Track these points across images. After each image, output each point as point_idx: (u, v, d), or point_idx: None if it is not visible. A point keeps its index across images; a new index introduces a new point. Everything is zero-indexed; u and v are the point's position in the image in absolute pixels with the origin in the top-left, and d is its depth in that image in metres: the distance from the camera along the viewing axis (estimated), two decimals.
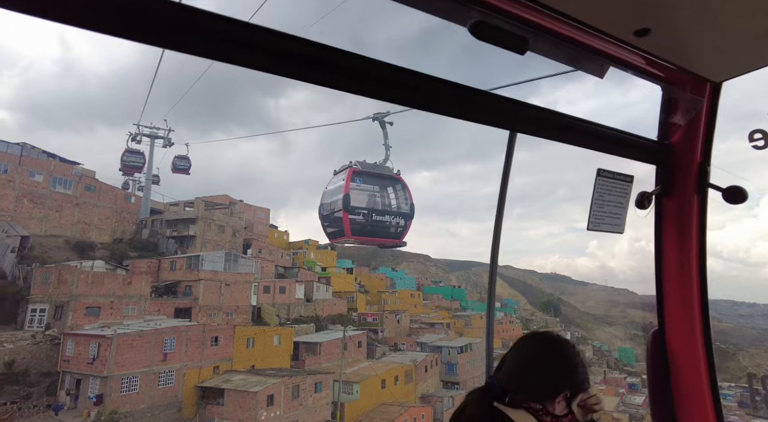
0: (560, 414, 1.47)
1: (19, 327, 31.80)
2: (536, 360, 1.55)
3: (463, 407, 1.57)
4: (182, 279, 41.19)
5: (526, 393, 1.49)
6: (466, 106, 1.43)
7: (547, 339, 1.61)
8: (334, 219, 11.31)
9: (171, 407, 30.62)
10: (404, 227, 11.18)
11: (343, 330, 44.20)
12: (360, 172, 11.28)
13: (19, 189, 41.04)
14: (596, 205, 1.98)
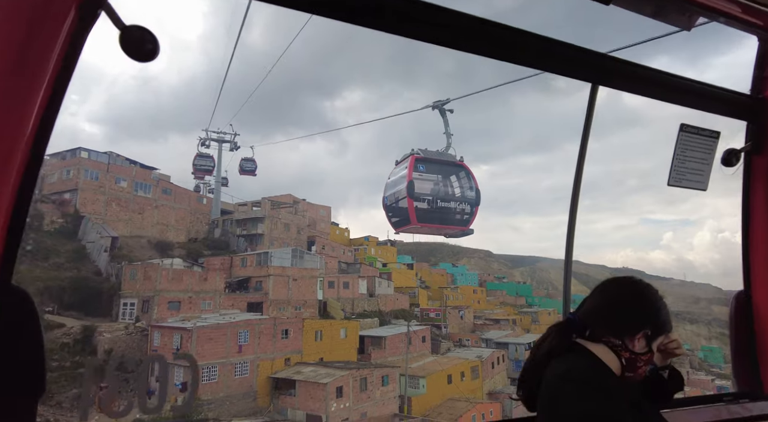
0: (639, 351, 1.50)
1: (114, 319, 34.93)
2: (618, 298, 1.59)
3: (543, 339, 1.60)
4: (253, 275, 43.25)
5: (606, 328, 1.52)
6: (548, 57, 1.41)
7: (630, 280, 1.63)
8: (398, 208, 11.38)
9: (247, 396, 32.27)
10: (471, 214, 11.01)
11: (407, 325, 44.45)
12: (423, 158, 11.26)
13: (108, 194, 45.04)
14: (678, 161, 1.94)
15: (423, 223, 10.42)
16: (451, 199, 11.06)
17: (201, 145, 50.38)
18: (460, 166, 11.89)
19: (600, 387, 1.40)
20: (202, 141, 50.72)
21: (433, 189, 11.08)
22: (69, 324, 31.51)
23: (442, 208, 10.75)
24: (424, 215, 10.43)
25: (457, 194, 11.49)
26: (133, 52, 0.88)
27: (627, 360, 1.50)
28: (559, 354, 1.52)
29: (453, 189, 11.82)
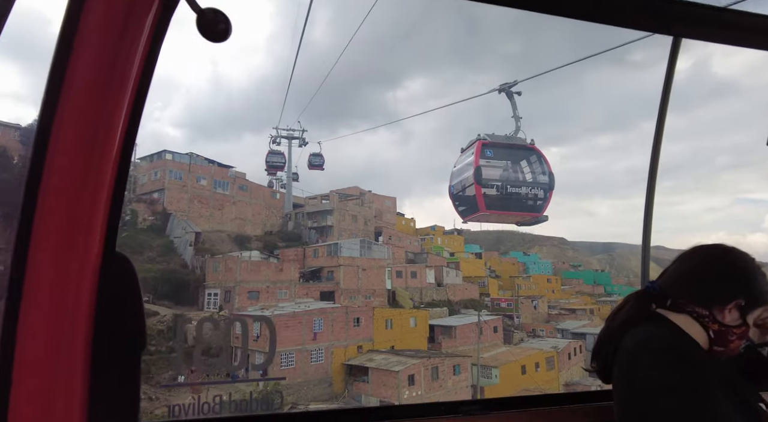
0: (731, 323, 1.32)
1: (200, 308, 37.74)
2: (706, 265, 1.41)
3: (620, 307, 1.48)
4: (324, 266, 44.71)
5: (690, 296, 1.36)
6: (619, 10, 1.28)
7: (720, 246, 1.44)
8: (465, 196, 11.12)
9: (323, 382, 33.58)
10: (544, 199, 10.51)
11: (477, 315, 43.87)
12: (490, 143, 10.90)
13: (190, 192, 48.53)
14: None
15: (492, 210, 10.11)
16: (522, 184, 10.63)
17: (272, 143, 52.59)
18: (531, 150, 11.39)
19: (684, 358, 1.25)
20: (273, 139, 52.91)
21: (503, 174, 10.70)
22: (162, 312, 34.50)
23: (513, 193, 10.36)
24: (493, 202, 10.12)
25: (528, 179, 11.02)
26: (208, 33, 0.92)
27: (716, 333, 1.32)
28: (637, 323, 1.39)
29: (524, 174, 11.36)
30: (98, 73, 0.85)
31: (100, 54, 0.84)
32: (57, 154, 0.86)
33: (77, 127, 0.87)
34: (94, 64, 0.84)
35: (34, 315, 0.88)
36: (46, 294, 0.88)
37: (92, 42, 0.84)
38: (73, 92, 0.83)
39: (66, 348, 0.93)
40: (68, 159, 0.87)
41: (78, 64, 0.83)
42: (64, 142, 0.87)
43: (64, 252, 0.91)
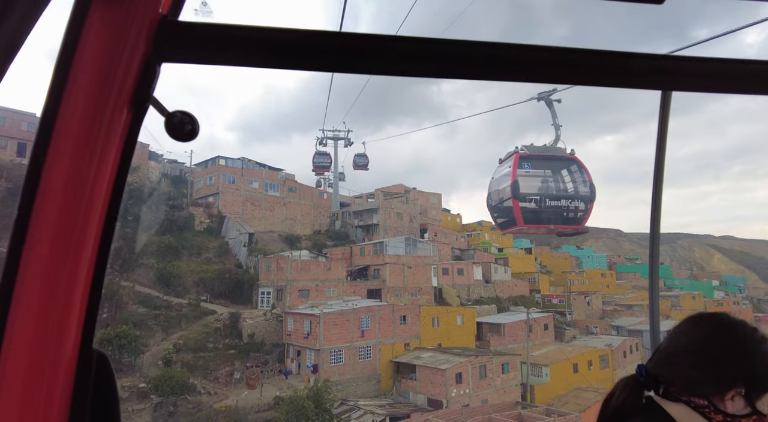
0: (738, 413, 1.14)
1: (254, 306, 39.58)
2: (697, 345, 1.22)
3: (611, 394, 1.31)
4: (371, 264, 45.45)
5: (684, 384, 1.19)
6: (605, 71, 1.30)
7: (715, 320, 1.26)
8: (503, 208, 11.07)
9: (371, 379, 34.35)
10: (585, 211, 10.30)
11: (526, 312, 43.14)
12: (527, 156, 10.78)
13: (243, 195, 50.76)
14: None
15: (531, 225, 10.08)
16: (561, 196, 10.45)
17: (319, 144, 53.90)
18: (571, 160, 11.16)
19: None
20: (320, 140, 54.22)
21: (541, 187, 10.58)
22: (219, 310, 36.49)
23: (552, 207, 10.24)
24: (531, 216, 10.07)
25: (569, 190, 10.83)
26: (176, 135, 0.99)
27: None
28: (628, 415, 1.23)
29: (564, 184, 11.16)
30: (67, 198, 0.89)
31: (71, 171, 0.89)
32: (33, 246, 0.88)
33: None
34: (63, 190, 0.88)
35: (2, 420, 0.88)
36: (15, 400, 0.85)
37: (62, 168, 0.88)
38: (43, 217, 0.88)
39: None
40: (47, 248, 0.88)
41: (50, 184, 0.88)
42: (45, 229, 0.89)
43: (36, 351, 0.88)
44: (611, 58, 1.28)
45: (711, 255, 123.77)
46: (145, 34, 0.97)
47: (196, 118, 1.02)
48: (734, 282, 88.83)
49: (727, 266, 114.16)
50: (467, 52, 1.19)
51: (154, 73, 1.00)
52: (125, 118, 0.97)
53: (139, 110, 1.00)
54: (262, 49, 1.08)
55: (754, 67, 1.38)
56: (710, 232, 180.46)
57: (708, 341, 1.21)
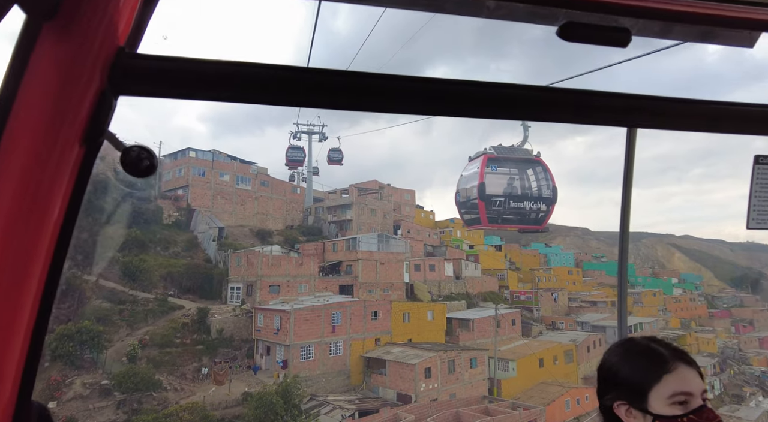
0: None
1: (223, 301, 39.02)
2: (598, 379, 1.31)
3: None
4: (343, 260, 45.42)
5: (602, 414, 1.26)
6: (569, 109, 1.33)
7: (607, 351, 1.33)
8: (470, 205, 11.38)
9: (341, 374, 34.43)
10: (546, 212, 10.70)
11: (495, 308, 43.99)
12: (495, 157, 11.10)
13: (213, 188, 49.81)
14: (757, 199, 1.70)
15: (494, 225, 10.40)
16: (525, 198, 10.83)
17: (293, 138, 53.31)
18: (537, 162, 11.55)
19: None
20: (294, 134, 53.62)
21: (506, 188, 10.92)
22: (187, 306, 35.83)
23: (515, 208, 10.59)
24: (495, 217, 10.39)
25: (533, 192, 11.21)
26: (132, 170, 0.95)
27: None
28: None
29: (529, 184, 11.53)
30: (13, 235, 0.85)
31: (17, 209, 0.85)
32: None
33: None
34: (8, 226, 0.84)
35: None
36: None
37: (5, 208, 0.84)
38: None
39: None
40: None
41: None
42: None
43: None
44: (577, 96, 1.30)
45: (672, 254, 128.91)
46: (100, 66, 0.93)
47: (154, 153, 0.99)
48: (691, 280, 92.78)
49: (686, 264, 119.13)
50: (431, 88, 1.18)
51: (109, 107, 0.97)
52: (77, 154, 0.93)
53: (92, 145, 0.96)
54: (224, 82, 1.06)
55: (716, 107, 1.43)
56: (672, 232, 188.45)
57: (601, 368, 1.30)
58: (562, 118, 1.35)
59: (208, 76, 1.04)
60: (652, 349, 1.20)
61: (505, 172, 11.07)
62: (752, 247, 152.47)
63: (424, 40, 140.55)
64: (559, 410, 33.90)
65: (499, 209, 10.43)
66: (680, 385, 1.13)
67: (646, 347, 1.22)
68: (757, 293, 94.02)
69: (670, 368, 1.15)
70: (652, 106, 1.40)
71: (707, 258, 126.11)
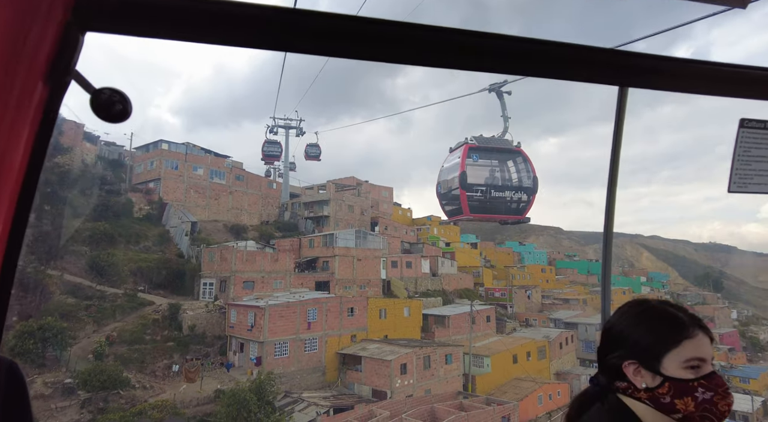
0: (652, 386, 1.16)
1: (195, 297, 38.08)
2: (607, 333, 1.30)
3: (570, 413, 1.33)
4: (320, 256, 45.00)
5: (608, 372, 1.25)
6: (560, 64, 1.31)
7: (621, 308, 1.31)
8: (451, 197, 11.28)
9: (316, 371, 34.08)
10: (527, 202, 10.69)
11: (470, 304, 44.33)
12: (476, 147, 11.01)
13: (186, 182, 48.59)
14: (740, 162, 1.72)
15: (476, 214, 10.30)
16: (506, 187, 10.78)
17: (269, 132, 52.43)
18: (517, 152, 11.52)
19: None
20: (270, 128, 52.76)
21: (487, 178, 10.86)
22: (157, 301, 34.81)
23: (496, 198, 10.53)
24: (477, 206, 10.30)
25: (513, 182, 11.18)
26: (103, 115, 0.88)
27: (652, 401, 1.17)
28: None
29: (509, 175, 11.51)
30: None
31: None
32: None
33: None
34: None
35: None
36: None
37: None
38: None
39: None
40: None
41: None
42: None
43: None
44: (571, 50, 1.27)
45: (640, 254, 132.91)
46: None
47: (128, 97, 0.89)
48: (658, 279, 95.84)
49: (654, 264, 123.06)
50: (428, 37, 1.13)
51: (75, 43, 0.85)
52: (40, 94, 0.82)
53: (57, 85, 0.85)
54: (205, 22, 0.95)
55: (707, 68, 1.42)
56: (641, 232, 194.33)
57: (612, 326, 1.28)
58: (554, 72, 1.32)
59: (190, 13, 0.94)
60: (672, 314, 1.20)
61: (486, 163, 11.01)
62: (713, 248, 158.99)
63: None
64: (532, 405, 34.41)
65: (481, 198, 10.36)
66: (697, 351, 1.14)
67: (664, 311, 1.21)
68: (718, 291, 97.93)
69: (691, 334, 1.15)
70: (645, 64, 1.37)
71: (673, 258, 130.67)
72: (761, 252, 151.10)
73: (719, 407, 1.11)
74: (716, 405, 1.11)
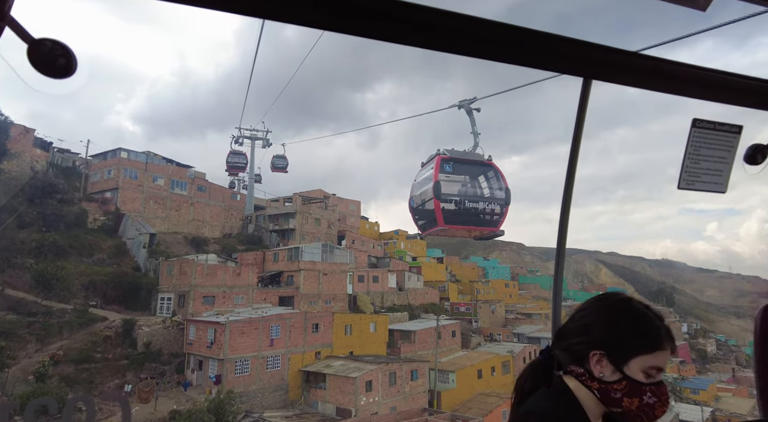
0: (608, 379, 1.21)
1: (152, 313, 36.29)
2: (579, 317, 1.31)
3: (521, 378, 1.39)
4: (285, 270, 44.01)
5: (568, 354, 1.28)
6: (527, 50, 1.28)
7: (601, 296, 1.35)
8: (425, 210, 11.18)
9: (279, 389, 32.97)
10: (500, 214, 10.68)
11: (436, 319, 44.31)
12: (449, 158, 11.01)
13: (146, 192, 46.69)
14: (690, 161, 1.75)
15: (451, 225, 10.19)
16: (479, 199, 10.79)
17: (234, 143, 51.40)
18: (489, 166, 11.59)
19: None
20: (236, 138, 51.75)
21: (461, 190, 10.84)
22: (111, 317, 32.92)
23: (470, 208, 10.49)
24: (451, 216, 10.21)
25: (486, 194, 11.21)
26: (44, 68, 0.79)
27: (599, 392, 1.22)
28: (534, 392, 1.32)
29: (482, 188, 11.56)
30: None
31: None
32: None
33: None
34: None
35: None
36: None
37: None
38: None
39: None
40: None
41: None
42: None
43: None
44: (539, 38, 1.26)
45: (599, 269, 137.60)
46: None
47: (71, 51, 0.80)
48: None
49: (612, 279, 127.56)
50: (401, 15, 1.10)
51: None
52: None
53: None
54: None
55: (666, 66, 1.44)
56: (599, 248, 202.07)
57: (586, 312, 1.30)
58: (524, 60, 1.31)
59: None
60: (653, 322, 1.24)
61: (459, 172, 11.03)
62: (666, 264, 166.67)
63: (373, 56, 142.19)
64: (496, 420, 34.41)
65: (456, 208, 10.31)
66: (661, 361, 1.21)
67: (647, 317, 1.25)
68: (671, 306, 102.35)
69: (664, 346, 1.22)
70: (610, 57, 1.39)
71: (629, 274, 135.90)
72: (706, 269, 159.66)
73: (656, 412, 1.20)
74: (654, 409, 1.20)
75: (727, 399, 51.73)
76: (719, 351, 79.02)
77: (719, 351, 78.67)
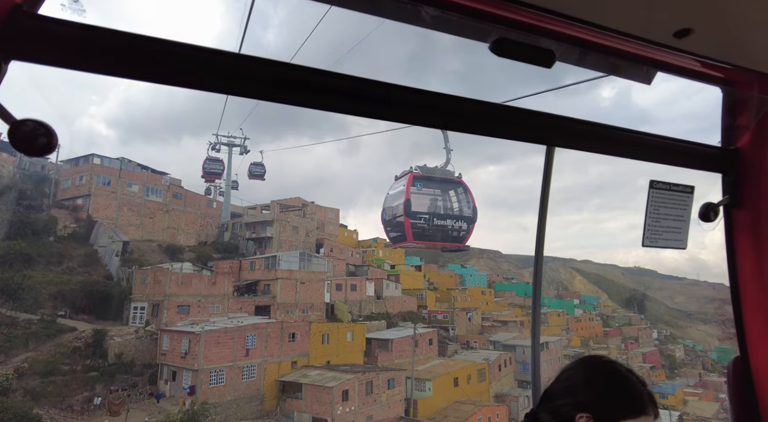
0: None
1: (124, 322, 35.51)
2: (566, 379, 1.36)
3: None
4: (261, 279, 43.62)
5: (553, 415, 1.31)
6: (497, 123, 1.40)
7: (588, 358, 1.41)
8: (396, 223, 11.53)
9: (254, 399, 32.64)
10: (466, 231, 11.15)
11: (413, 328, 44.53)
12: (420, 176, 11.40)
13: (120, 199, 45.80)
14: (651, 219, 1.84)
15: (419, 241, 10.59)
16: (447, 216, 11.20)
17: (211, 149, 50.96)
18: (458, 183, 12.03)
19: None
20: (213, 145, 51.31)
21: (430, 207, 11.23)
22: (80, 327, 32.12)
23: (439, 226, 10.90)
24: (420, 233, 10.60)
25: (454, 211, 11.62)
26: (25, 147, 0.82)
27: None
28: None
29: (451, 204, 11.96)
30: None
31: None
32: None
33: None
34: None
35: None
36: None
37: None
38: None
39: None
40: None
41: None
42: None
43: None
44: (501, 111, 1.37)
45: (573, 277, 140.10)
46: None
47: (53, 130, 0.84)
48: (590, 301, 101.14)
49: (586, 287, 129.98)
50: (361, 88, 1.19)
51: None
52: None
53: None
54: (136, 59, 0.94)
55: (624, 135, 1.58)
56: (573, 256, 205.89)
57: (572, 373, 1.36)
58: (487, 130, 1.43)
59: (121, 49, 0.91)
60: (639, 388, 1.30)
61: (429, 192, 11.39)
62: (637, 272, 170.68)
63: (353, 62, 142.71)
64: None
65: (424, 225, 10.67)
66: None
67: (632, 382, 1.30)
68: (642, 313, 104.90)
69: (648, 411, 1.27)
70: (570, 127, 1.54)
71: (603, 281, 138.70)
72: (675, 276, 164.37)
73: None
74: None
75: (694, 403, 53.31)
76: (687, 356, 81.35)
77: (687, 357, 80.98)
